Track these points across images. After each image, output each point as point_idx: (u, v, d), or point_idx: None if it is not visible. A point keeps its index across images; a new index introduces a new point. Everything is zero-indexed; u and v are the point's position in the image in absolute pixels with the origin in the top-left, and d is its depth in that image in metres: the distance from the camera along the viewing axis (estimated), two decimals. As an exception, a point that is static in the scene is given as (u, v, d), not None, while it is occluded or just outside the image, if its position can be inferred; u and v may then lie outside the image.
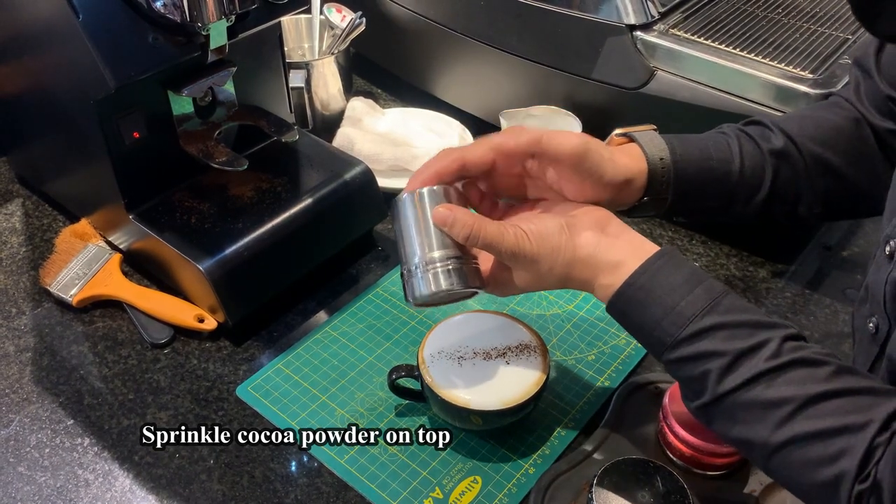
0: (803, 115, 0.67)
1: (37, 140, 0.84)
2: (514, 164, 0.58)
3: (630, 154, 0.60)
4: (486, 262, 0.59)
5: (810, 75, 0.79)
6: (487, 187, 0.61)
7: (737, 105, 0.80)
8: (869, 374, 0.48)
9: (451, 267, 0.55)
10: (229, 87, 0.79)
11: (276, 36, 0.82)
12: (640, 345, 0.73)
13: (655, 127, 0.63)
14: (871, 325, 0.55)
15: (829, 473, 0.44)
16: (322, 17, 1.04)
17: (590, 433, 0.65)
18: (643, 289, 0.52)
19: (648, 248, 0.54)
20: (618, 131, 0.63)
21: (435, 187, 0.57)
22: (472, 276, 0.56)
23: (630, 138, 0.62)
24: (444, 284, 0.55)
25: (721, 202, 0.62)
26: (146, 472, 0.63)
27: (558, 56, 0.90)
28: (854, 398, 0.45)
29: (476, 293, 0.58)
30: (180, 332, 0.75)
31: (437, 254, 0.55)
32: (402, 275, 0.57)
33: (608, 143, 0.63)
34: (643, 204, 0.61)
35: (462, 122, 1.00)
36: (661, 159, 0.60)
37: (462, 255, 0.56)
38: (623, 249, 0.54)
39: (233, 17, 0.68)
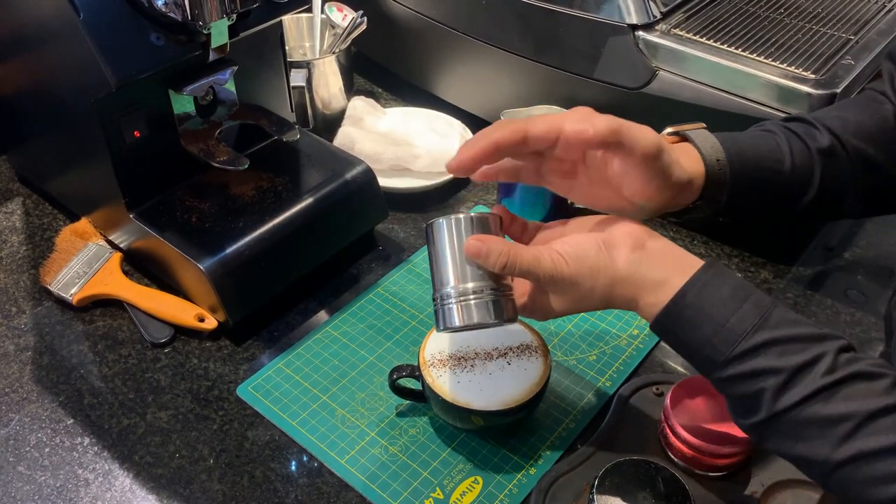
0: (844, 110, 0.65)
1: (37, 139, 0.84)
2: (577, 150, 0.54)
3: (687, 155, 0.57)
4: (522, 286, 0.56)
5: (813, 76, 0.79)
6: (534, 166, 0.57)
7: (739, 105, 0.80)
8: None
9: (484, 299, 0.53)
10: (230, 87, 0.79)
11: (278, 35, 0.82)
12: (648, 348, 0.74)
13: (705, 125, 0.60)
14: None
15: (894, 491, 0.44)
16: (323, 16, 1.04)
17: (591, 434, 0.65)
18: (691, 307, 0.50)
19: (692, 263, 0.52)
20: (668, 130, 0.60)
21: (472, 214, 0.55)
22: (505, 307, 0.54)
23: (684, 137, 0.59)
24: (476, 318, 0.53)
25: (771, 202, 0.60)
26: (146, 472, 0.63)
27: (560, 56, 0.90)
28: None
29: (507, 323, 0.55)
30: (181, 332, 0.75)
31: (470, 285, 0.54)
32: (434, 300, 0.56)
33: None
34: (697, 206, 0.58)
35: (463, 121, 1.00)
36: (718, 160, 0.57)
37: (496, 285, 0.54)
38: (665, 266, 0.52)
39: (234, 15, 0.68)
